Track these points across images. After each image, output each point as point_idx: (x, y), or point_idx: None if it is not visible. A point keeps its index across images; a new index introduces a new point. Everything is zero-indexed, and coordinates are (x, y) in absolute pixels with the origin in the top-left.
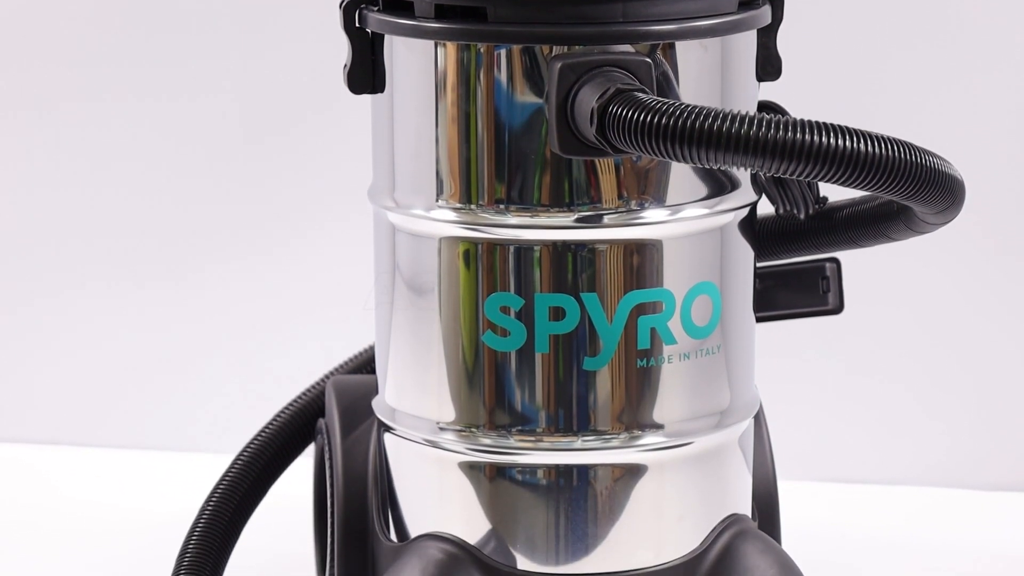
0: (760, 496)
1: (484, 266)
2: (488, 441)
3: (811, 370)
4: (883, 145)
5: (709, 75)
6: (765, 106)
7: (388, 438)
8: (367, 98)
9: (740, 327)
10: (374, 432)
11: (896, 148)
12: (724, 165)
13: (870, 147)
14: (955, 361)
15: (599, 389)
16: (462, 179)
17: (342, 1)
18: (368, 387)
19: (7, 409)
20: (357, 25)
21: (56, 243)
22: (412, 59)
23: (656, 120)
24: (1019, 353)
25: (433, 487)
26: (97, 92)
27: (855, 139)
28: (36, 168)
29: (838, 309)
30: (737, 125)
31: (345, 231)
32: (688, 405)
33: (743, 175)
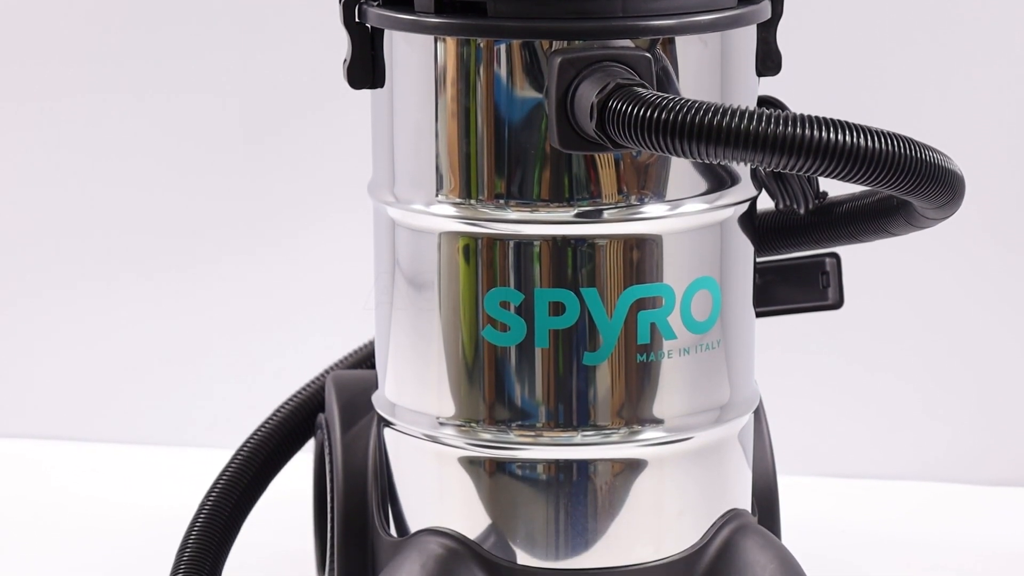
0: (760, 491)
1: (484, 261)
2: (488, 436)
3: (811, 365)
4: (883, 140)
5: (709, 70)
6: (765, 101)
7: (388, 433)
8: (367, 93)
9: (740, 322)
10: (374, 427)
11: (896, 143)
12: (724, 160)
13: (870, 142)
14: (955, 356)
15: (599, 384)
16: (462, 174)
17: None
18: (368, 382)
19: (6, 404)
20: (357, 20)
21: (55, 238)
22: (412, 54)
23: (656, 115)
24: (1019, 348)
25: (433, 482)
26: (96, 87)
27: (855, 134)
28: (36, 163)
29: (838, 304)
30: (737, 120)
31: (344, 226)
32: (688, 400)
33: (743, 170)
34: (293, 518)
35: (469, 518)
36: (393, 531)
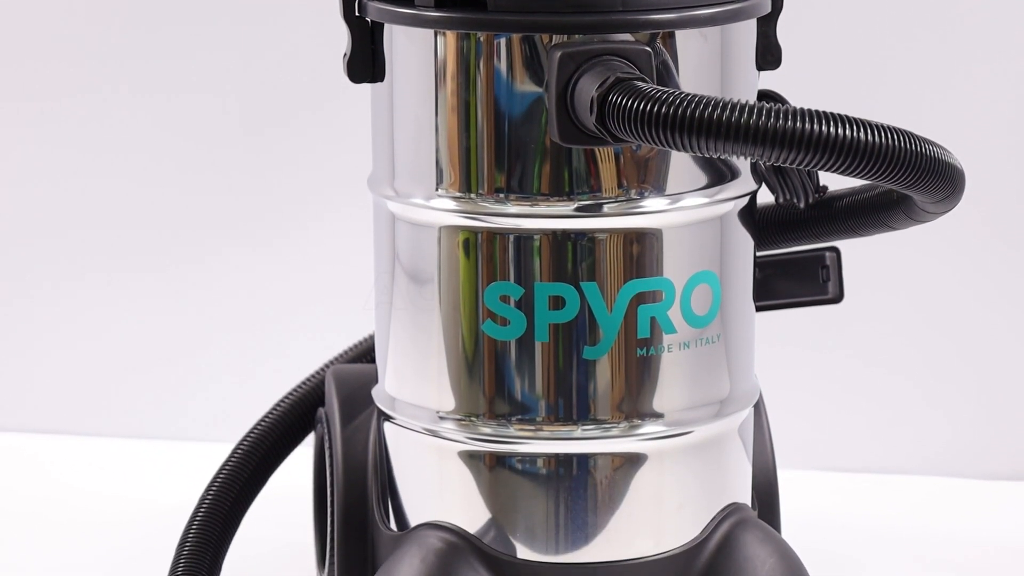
0: (760, 485)
1: (484, 255)
2: (488, 430)
3: (811, 359)
4: (883, 134)
5: (709, 64)
6: (765, 95)
7: (388, 427)
8: (367, 88)
9: (740, 316)
10: (374, 421)
11: (896, 137)
12: (724, 154)
13: (870, 136)
14: (955, 350)
15: (599, 378)
16: (462, 168)
17: None
18: (368, 376)
19: (7, 398)
20: (357, 14)
21: (55, 234)
22: (412, 48)
23: (656, 109)
24: (1019, 342)
25: (433, 476)
26: (95, 84)
27: (855, 128)
28: (36, 160)
29: (838, 298)
30: (737, 114)
31: (344, 221)
32: (688, 394)
33: (743, 164)
34: (293, 512)
35: (469, 512)
36: (393, 525)
